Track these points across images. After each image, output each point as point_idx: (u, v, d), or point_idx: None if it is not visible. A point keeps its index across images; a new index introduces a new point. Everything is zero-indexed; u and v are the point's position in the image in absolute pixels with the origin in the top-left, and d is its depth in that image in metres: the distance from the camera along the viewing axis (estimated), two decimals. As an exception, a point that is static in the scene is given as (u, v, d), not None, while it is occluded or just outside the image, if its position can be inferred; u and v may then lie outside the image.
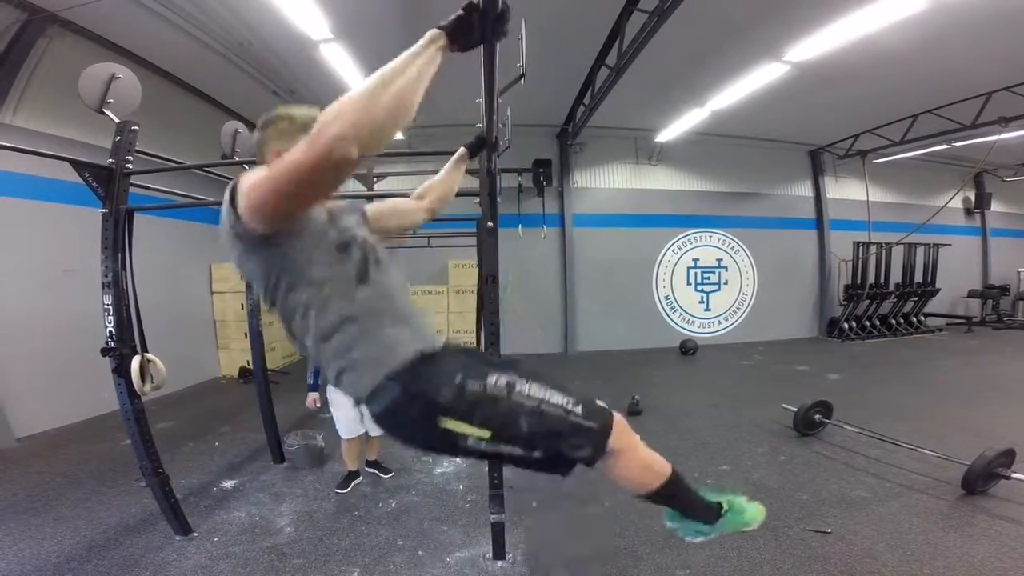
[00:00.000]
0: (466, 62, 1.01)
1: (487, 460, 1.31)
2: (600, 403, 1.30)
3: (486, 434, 1.17)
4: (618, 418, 1.31)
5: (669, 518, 1.57)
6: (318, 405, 3.36)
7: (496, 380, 1.21)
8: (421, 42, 0.95)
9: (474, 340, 4.21)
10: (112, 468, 3.81)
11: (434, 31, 0.97)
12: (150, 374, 2.69)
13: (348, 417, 3.33)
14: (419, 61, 0.93)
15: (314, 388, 3.35)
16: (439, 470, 3.81)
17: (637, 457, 1.34)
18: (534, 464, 1.25)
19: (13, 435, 4.39)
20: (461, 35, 0.99)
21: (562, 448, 1.22)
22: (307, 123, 1.17)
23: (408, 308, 1.31)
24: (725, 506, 1.51)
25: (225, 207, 1.05)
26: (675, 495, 1.44)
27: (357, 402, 1.27)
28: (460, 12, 0.97)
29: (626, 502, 3.19)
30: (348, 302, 1.18)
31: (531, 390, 1.22)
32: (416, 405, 1.17)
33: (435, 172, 1.82)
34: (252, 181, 0.97)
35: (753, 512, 1.54)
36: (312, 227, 1.16)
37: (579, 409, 1.24)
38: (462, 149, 1.90)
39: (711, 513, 1.49)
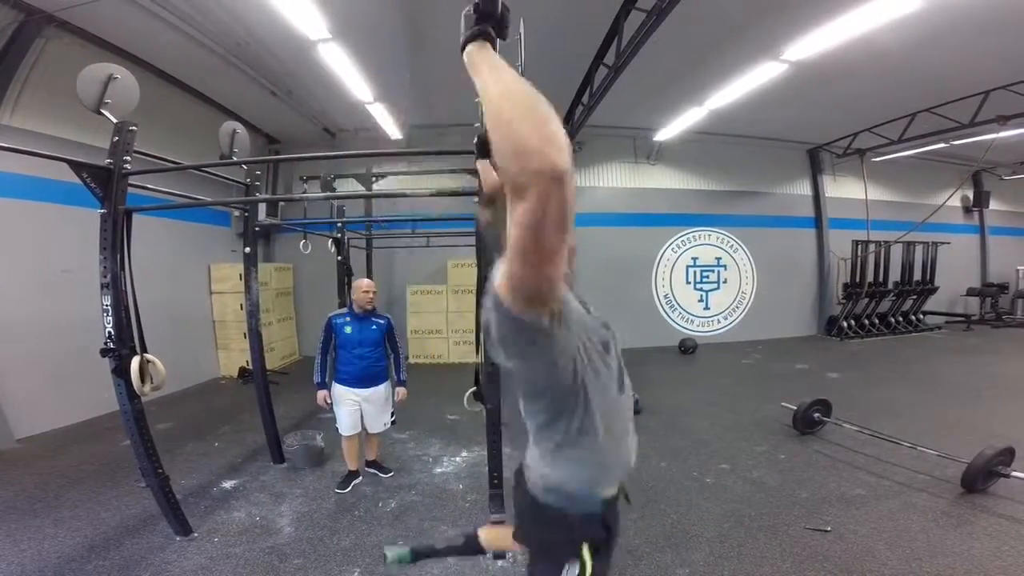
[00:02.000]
0: (464, 60, 1.00)
1: None
2: None
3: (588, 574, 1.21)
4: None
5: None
6: (329, 402, 3.36)
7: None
8: (475, 62, 0.86)
9: (473, 340, 4.22)
10: (112, 469, 3.81)
11: (471, 46, 0.88)
12: (149, 375, 2.69)
13: (349, 413, 3.33)
14: (492, 68, 0.84)
15: (322, 385, 3.35)
16: (439, 470, 3.81)
17: None
18: None
19: (13, 436, 4.39)
20: (489, 31, 0.91)
21: None
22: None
23: (631, 431, 1.31)
24: None
25: (491, 292, 0.89)
26: None
27: (525, 481, 1.31)
28: (475, 16, 0.90)
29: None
30: (605, 404, 1.14)
31: None
32: (589, 528, 1.22)
33: (431, 171, 1.79)
34: (508, 254, 0.80)
35: None
36: (572, 313, 0.99)
37: None
38: (479, 162, 1.77)
39: None
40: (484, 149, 1.97)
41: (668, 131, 8.50)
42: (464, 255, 7.67)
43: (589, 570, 1.19)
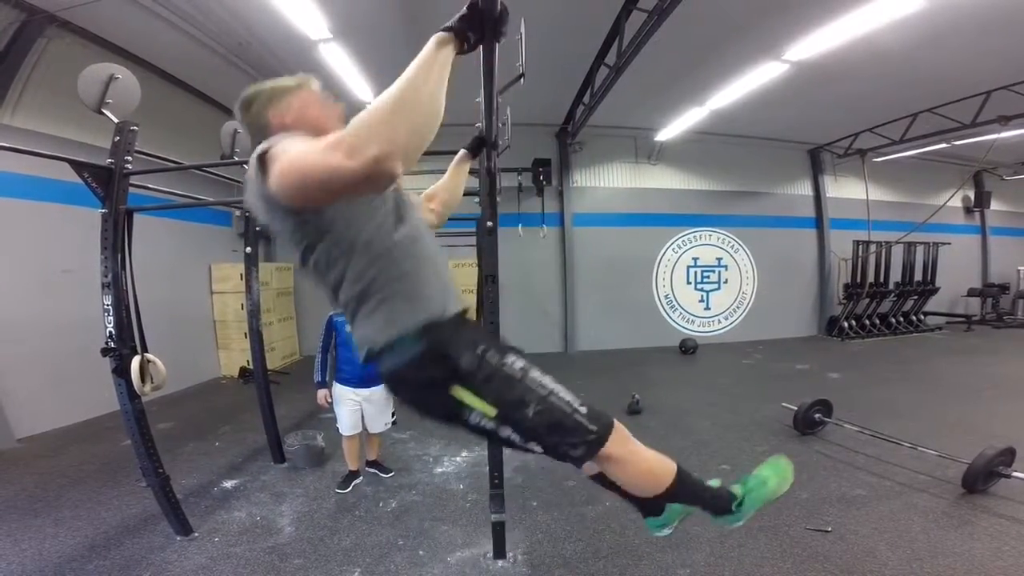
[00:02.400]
0: (465, 61, 1.00)
1: (482, 437, 1.28)
2: (603, 411, 1.30)
3: (492, 412, 1.16)
4: (618, 427, 1.30)
5: (652, 526, 1.55)
6: (329, 401, 3.36)
7: (513, 361, 1.21)
8: (430, 47, 0.91)
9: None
10: (113, 469, 3.81)
11: (441, 34, 0.94)
12: (150, 374, 2.69)
13: (349, 413, 3.33)
14: (436, 66, 0.90)
15: (322, 385, 3.36)
16: (439, 469, 3.81)
17: (638, 465, 1.32)
18: (526, 450, 1.25)
19: (13, 436, 4.39)
20: (469, 35, 0.97)
21: (558, 443, 1.22)
22: (288, 87, 1.28)
23: (441, 257, 1.31)
24: (739, 495, 1.47)
25: (253, 169, 1.01)
26: (681, 494, 1.41)
27: (368, 356, 1.21)
28: (465, 12, 0.96)
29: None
30: (384, 240, 1.16)
31: (543, 379, 1.22)
32: (435, 366, 1.15)
33: (433, 171, 1.82)
34: (286, 159, 0.91)
35: (776, 479, 1.53)
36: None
37: (584, 410, 1.23)
38: (462, 151, 1.89)
39: (724, 502, 1.46)
40: (479, 147, 2.00)
41: (669, 131, 8.50)
42: (464, 255, 7.65)
43: (481, 404, 1.15)
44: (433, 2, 4.70)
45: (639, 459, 1.32)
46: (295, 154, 0.90)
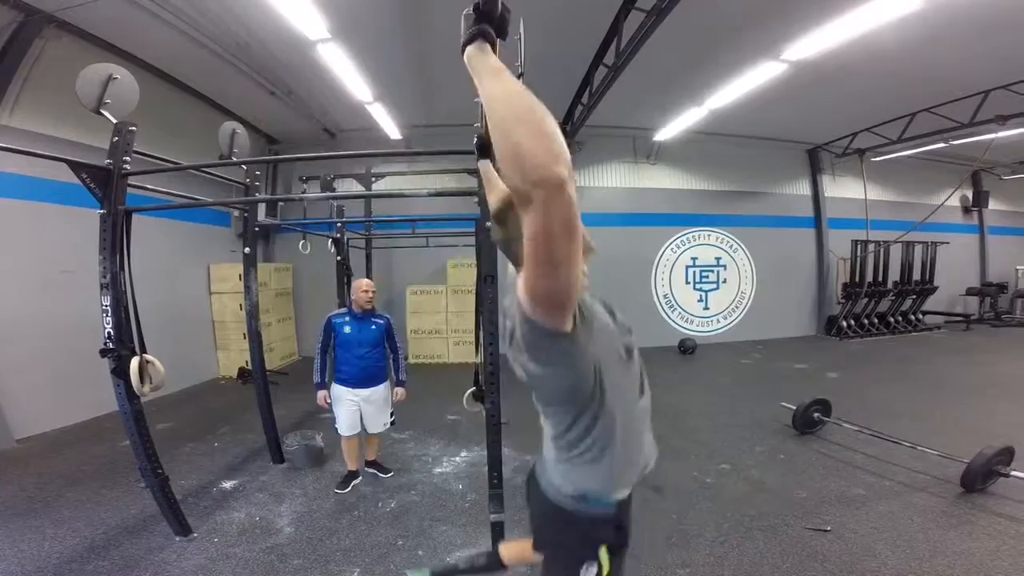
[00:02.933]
0: (465, 62, 1.00)
1: None
2: None
3: None
4: None
5: None
6: (328, 402, 3.36)
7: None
8: (478, 61, 0.86)
9: (473, 340, 4.20)
10: (112, 469, 3.81)
11: (471, 48, 0.88)
12: (149, 375, 2.68)
13: (348, 413, 3.33)
14: (491, 69, 0.84)
15: (321, 386, 3.35)
16: (439, 470, 3.81)
17: None
18: None
19: (12, 436, 4.38)
20: (489, 32, 0.90)
21: None
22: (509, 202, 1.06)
23: (648, 435, 1.41)
24: None
25: (512, 302, 0.93)
26: None
27: (546, 491, 1.31)
28: (472, 15, 0.90)
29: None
30: (628, 408, 1.21)
31: None
32: (606, 531, 1.25)
33: (432, 171, 1.80)
34: (524, 262, 0.81)
35: None
36: (595, 319, 1.07)
37: None
38: (480, 163, 1.76)
39: None
40: (484, 150, 1.99)
41: (668, 131, 8.50)
42: (464, 255, 7.67)
43: (607, 570, 1.23)
44: (432, 2, 4.70)
45: None
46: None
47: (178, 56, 5.57)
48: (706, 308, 9.81)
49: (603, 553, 1.23)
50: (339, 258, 5.45)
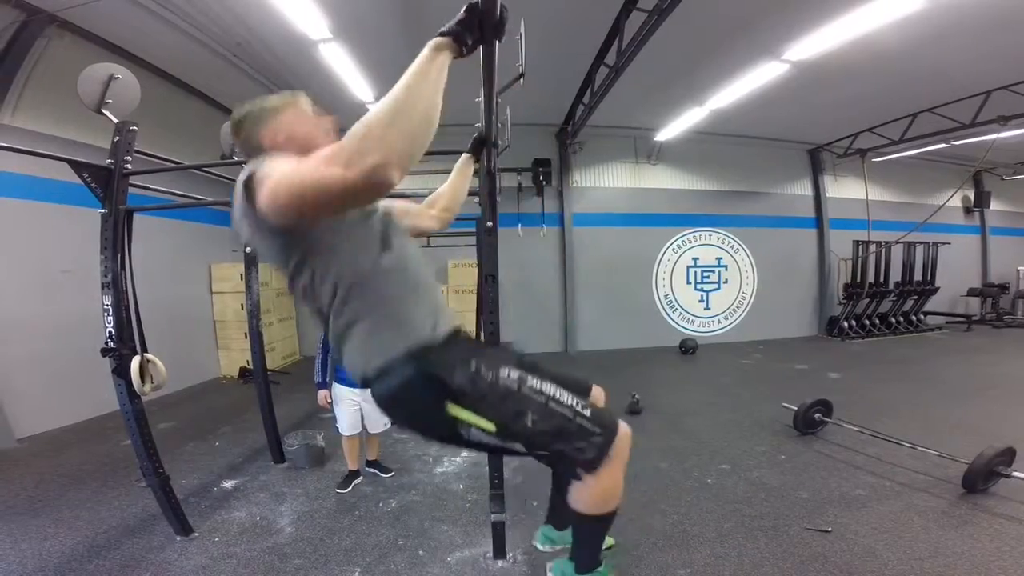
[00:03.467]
0: (465, 61, 1.00)
1: (487, 452, 1.28)
2: (608, 413, 1.29)
3: (491, 427, 1.15)
4: (624, 427, 1.28)
5: (543, 539, 1.64)
6: (329, 401, 3.36)
7: (508, 372, 1.20)
8: (426, 53, 0.91)
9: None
10: (113, 468, 3.81)
11: (438, 39, 0.94)
12: (150, 374, 2.69)
13: (349, 413, 3.33)
14: (433, 72, 0.90)
15: (322, 385, 3.36)
16: (439, 469, 3.81)
17: (616, 474, 1.28)
18: (537, 458, 1.24)
19: (13, 436, 4.39)
20: (466, 38, 0.96)
21: (565, 449, 1.20)
22: (277, 107, 1.25)
23: (430, 282, 1.31)
24: (603, 569, 1.49)
25: (239, 195, 1.01)
26: (600, 531, 1.42)
27: (363, 382, 1.22)
28: (462, 15, 0.95)
29: (627, 501, 3.19)
30: (369, 267, 1.17)
31: (541, 386, 1.21)
32: (427, 388, 1.15)
33: (432, 171, 1.83)
34: (276, 179, 0.91)
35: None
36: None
37: (587, 412, 1.22)
38: (465, 155, 1.89)
39: (593, 563, 1.47)
40: (479, 146, 2.00)
41: (669, 131, 8.50)
42: (464, 255, 7.66)
43: (480, 420, 1.15)
44: (433, 2, 4.71)
45: (621, 470, 1.29)
46: (287, 171, 0.90)
47: (180, 56, 5.58)
48: (707, 308, 9.81)
49: (453, 409, 1.14)
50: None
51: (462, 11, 0.95)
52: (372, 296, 1.17)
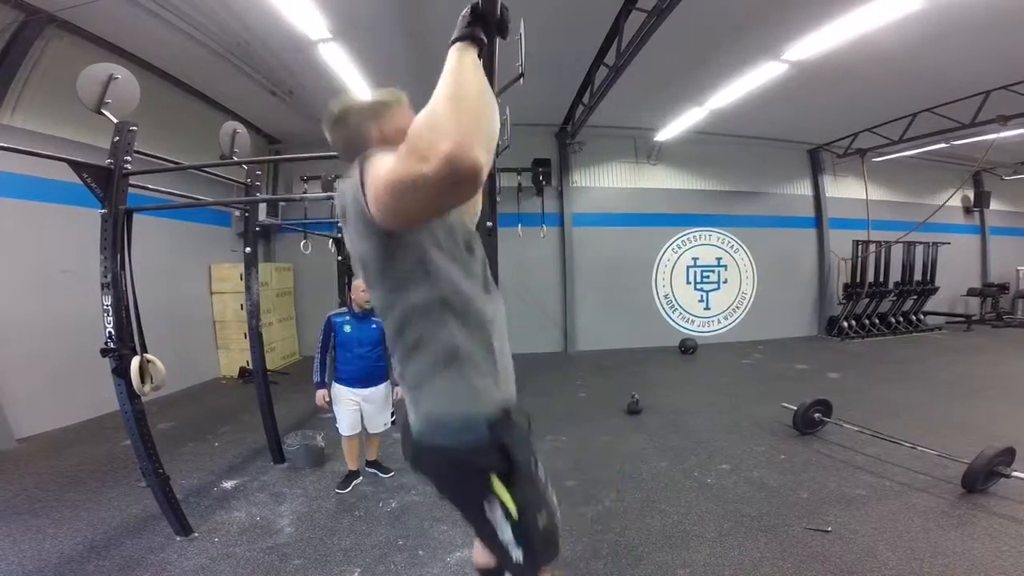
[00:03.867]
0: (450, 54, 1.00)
1: (483, 536, 1.22)
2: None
3: (515, 512, 1.10)
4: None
5: None
6: (328, 401, 3.36)
7: (542, 469, 1.22)
8: (453, 53, 0.90)
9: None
10: (112, 469, 3.81)
11: (458, 44, 0.91)
12: (150, 374, 2.69)
13: (348, 413, 3.33)
14: (468, 62, 0.89)
15: (321, 385, 3.36)
16: (439, 470, 3.80)
17: None
18: (502, 555, 1.15)
19: (13, 436, 4.39)
20: (479, 35, 0.94)
21: (537, 558, 1.16)
22: (390, 103, 1.23)
23: (507, 346, 1.23)
24: None
25: (355, 187, 0.98)
26: None
27: (406, 429, 1.19)
28: (466, 18, 0.94)
29: (627, 501, 3.19)
30: (481, 313, 1.12)
31: (553, 496, 1.24)
32: (485, 456, 1.09)
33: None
34: (384, 176, 0.87)
35: None
36: (446, 226, 1.11)
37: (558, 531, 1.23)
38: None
39: None
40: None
41: (669, 131, 8.51)
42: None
43: (510, 501, 1.09)
44: (433, 2, 4.71)
45: None
46: (390, 167, 0.87)
47: (179, 56, 5.58)
48: (707, 308, 9.81)
49: (495, 483, 1.08)
50: (340, 258, 5.46)
51: (466, 13, 0.94)
52: (478, 341, 1.11)
